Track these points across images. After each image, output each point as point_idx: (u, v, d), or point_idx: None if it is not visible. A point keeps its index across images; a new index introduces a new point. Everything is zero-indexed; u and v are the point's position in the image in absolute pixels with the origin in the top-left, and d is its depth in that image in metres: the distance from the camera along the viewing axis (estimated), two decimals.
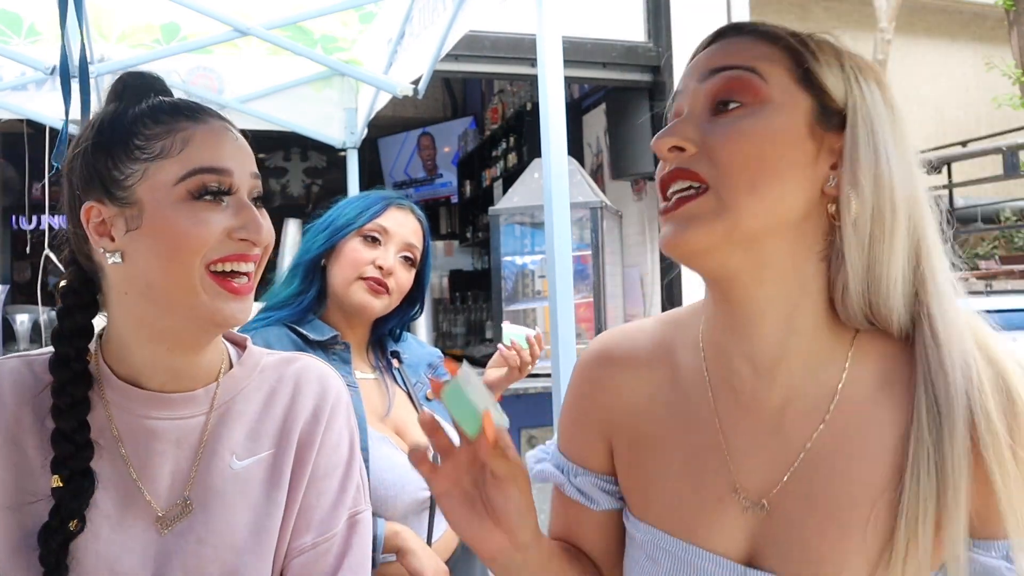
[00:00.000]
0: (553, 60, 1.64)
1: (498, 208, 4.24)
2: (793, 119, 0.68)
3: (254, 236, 0.82)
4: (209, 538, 0.82)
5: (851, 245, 0.68)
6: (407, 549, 1.33)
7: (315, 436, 0.91)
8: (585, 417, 0.86)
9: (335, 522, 0.90)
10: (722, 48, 0.72)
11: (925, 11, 9.48)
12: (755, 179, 0.66)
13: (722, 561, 0.72)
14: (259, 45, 2.91)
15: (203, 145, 0.82)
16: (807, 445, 0.70)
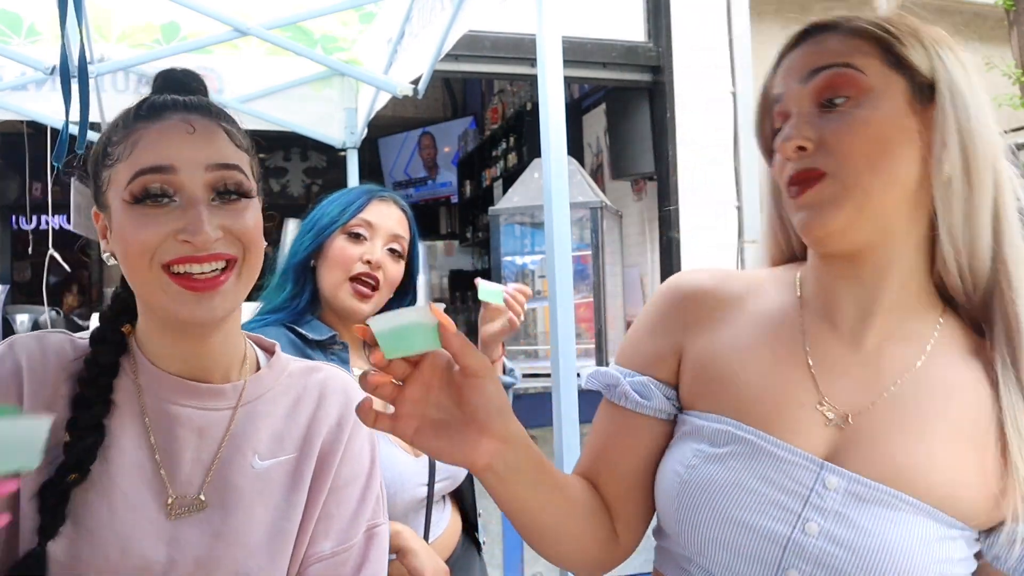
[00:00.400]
0: (553, 60, 1.64)
1: (498, 208, 4.24)
2: (894, 102, 0.76)
3: (193, 238, 0.79)
4: (226, 533, 0.83)
5: (946, 203, 0.76)
6: (408, 549, 1.33)
7: (339, 445, 0.92)
8: (661, 327, 0.90)
9: (354, 532, 0.91)
10: (813, 47, 0.79)
11: (925, 11, 9.46)
12: (874, 161, 0.74)
13: (799, 451, 0.77)
14: (259, 45, 2.91)
15: (147, 146, 0.82)
16: (898, 381, 0.78)
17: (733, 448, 0.79)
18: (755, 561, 0.76)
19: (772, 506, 0.76)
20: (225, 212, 0.82)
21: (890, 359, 0.80)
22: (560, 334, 1.63)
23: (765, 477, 0.77)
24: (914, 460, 0.75)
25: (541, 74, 1.65)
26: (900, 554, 0.72)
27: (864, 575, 0.72)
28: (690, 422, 0.85)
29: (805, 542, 0.74)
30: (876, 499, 0.74)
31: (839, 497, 0.75)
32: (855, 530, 0.73)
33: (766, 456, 0.78)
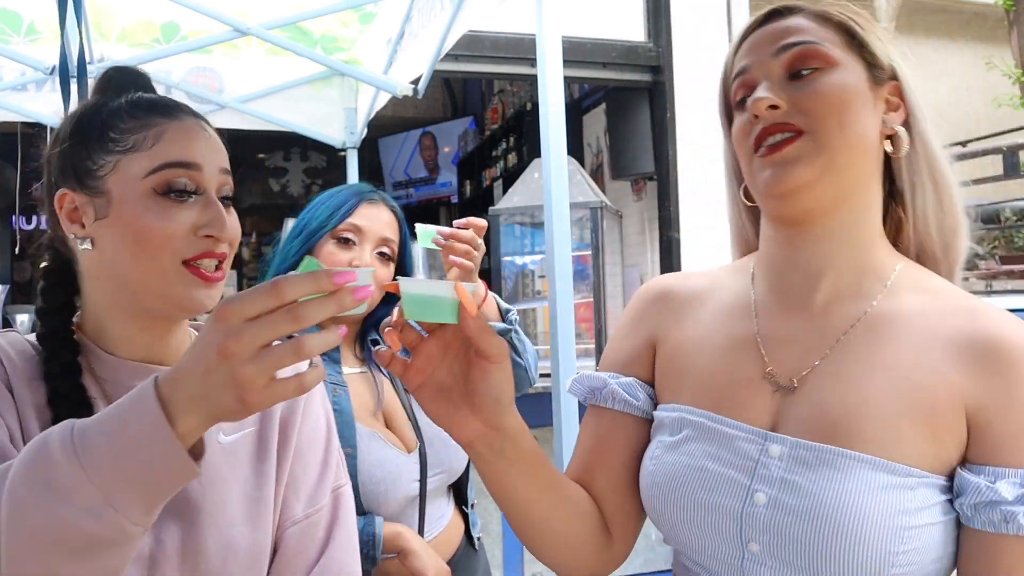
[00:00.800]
0: (553, 60, 1.64)
1: (498, 208, 4.24)
2: (857, 76, 0.82)
3: (219, 233, 0.85)
4: (205, 507, 0.85)
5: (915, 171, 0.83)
6: (409, 550, 1.33)
7: (296, 413, 0.95)
8: (636, 329, 0.94)
9: (322, 494, 0.94)
10: (782, 26, 0.84)
11: (925, 11, 9.48)
12: (842, 120, 0.79)
13: (744, 426, 0.80)
14: (259, 45, 2.91)
15: (174, 141, 0.85)
16: (839, 338, 0.80)
17: (687, 433, 0.82)
18: (721, 539, 0.78)
19: (724, 482, 0.78)
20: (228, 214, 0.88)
21: (837, 317, 0.82)
22: (560, 334, 1.63)
23: (715, 456, 0.80)
24: (850, 412, 0.75)
25: (541, 74, 1.65)
26: (847, 511, 0.71)
27: (816, 537, 0.72)
28: (657, 417, 0.88)
29: (756, 513, 0.76)
30: (818, 460, 0.75)
31: (783, 464, 0.76)
32: (800, 495, 0.74)
33: (715, 435, 0.81)
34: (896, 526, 0.71)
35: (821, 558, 0.72)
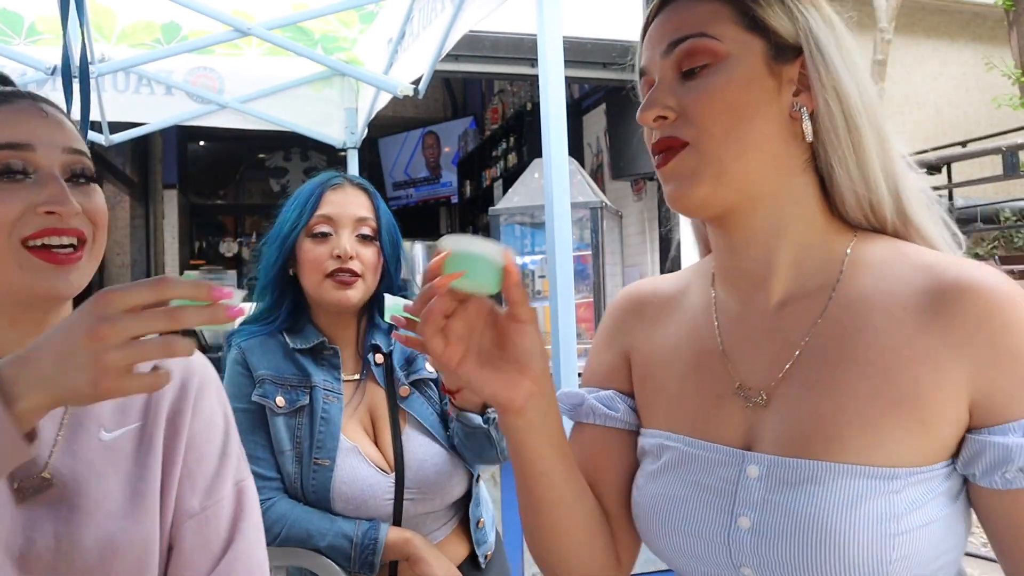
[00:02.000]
0: (553, 60, 1.64)
1: (498, 208, 4.24)
2: (750, 64, 0.75)
3: (59, 208, 0.81)
4: (83, 504, 0.84)
5: (836, 152, 0.75)
6: (418, 557, 1.33)
7: (186, 406, 0.93)
8: (611, 342, 0.92)
9: (221, 487, 0.92)
10: (672, 16, 0.79)
11: (925, 11, 9.48)
12: (728, 127, 0.74)
13: (720, 448, 0.77)
14: (259, 45, 2.91)
15: (3, 124, 0.83)
16: (804, 340, 0.75)
17: (667, 460, 0.80)
18: (714, 565, 0.75)
19: (707, 510, 0.75)
20: (81, 193, 0.85)
21: (796, 322, 0.76)
22: (560, 334, 1.63)
23: (696, 483, 0.77)
24: (825, 422, 0.70)
25: (541, 74, 1.65)
26: (830, 527, 0.67)
27: (804, 557, 0.69)
28: (640, 443, 0.86)
29: (742, 538, 0.73)
30: (796, 476, 0.71)
31: (762, 485, 0.72)
32: (783, 515, 0.70)
33: (694, 461, 0.78)
34: (884, 534, 0.67)
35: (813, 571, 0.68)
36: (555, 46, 1.65)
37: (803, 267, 0.77)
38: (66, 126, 0.87)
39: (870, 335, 0.71)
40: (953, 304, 0.69)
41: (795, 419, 0.73)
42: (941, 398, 0.68)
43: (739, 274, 0.81)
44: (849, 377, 0.71)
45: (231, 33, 2.45)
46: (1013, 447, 0.65)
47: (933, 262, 0.73)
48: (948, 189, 6.69)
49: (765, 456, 0.73)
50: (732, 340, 0.80)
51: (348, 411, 1.42)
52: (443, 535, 1.47)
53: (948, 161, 6.48)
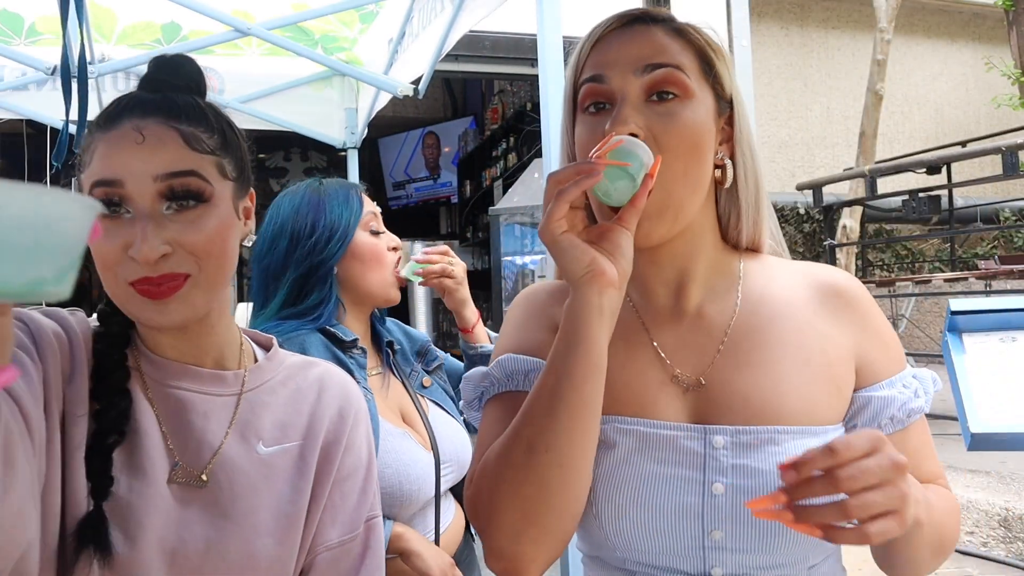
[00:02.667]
0: (553, 60, 1.65)
1: (498, 208, 4.25)
2: (706, 110, 0.84)
3: (136, 254, 0.78)
4: (234, 515, 0.85)
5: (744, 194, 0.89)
6: (411, 551, 1.34)
7: (342, 436, 0.94)
8: (531, 323, 0.93)
9: (358, 522, 0.94)
10: (642, 38, 0.84)
11: (925, 11, 9.49)
12: (688, 164, 0.81)
13: (680, 425, 0.84)
14: (259, 45, 2.91)
15: (100, 157, 0.81)
16: (727, 332, 0.87)
17: (626, 443, 0.83)
18: (683, 536, 0.80)
19: (679, 481, 0.81)
20: (178, 223, 0.80)
21: (713, 319, 0.88)
22: None
23: (661, 459, 0.82)
24: (766, 393, 0.82)
25: (542, 74, 1.65)
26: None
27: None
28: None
29: (717, 503, 0.80)
30: (759, 441, 0.80)
31: (729, 452, 0.81)
32: (753, 475, 0.79)
33: (656, 440, 0.83)
34: None
35: (780, 528, 0.77)
36: (555, 46, 1.65)
37: (711, 279, 0.90)
38: (166, 147, 0.81)
39: (781, 322, 0.87)
40: (832, 298, 0.88)
41: (740, 395, 0.83)
42: (843, 366, 0.85)
43: (659, 283, 0.90)
44: (775, 356, 0.84)
45: (231, 33, 2.45)
46: (888, 398, 0.84)
47: (799, 267, 0.92)
48: (948, 189, 6.69)
49: (727, 427, 0.82)
50: (661, 337, 0.89)
51: (382, 402, 1.45)
52: (453, 510, 1.50)
53: (948, 161, 6.48)
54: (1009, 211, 8.29)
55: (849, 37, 9.05)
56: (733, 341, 0.86)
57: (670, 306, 0.89)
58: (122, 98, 0.85)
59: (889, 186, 6.97)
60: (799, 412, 0.82)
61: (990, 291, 6.11)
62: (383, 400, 1.46)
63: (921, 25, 9.56)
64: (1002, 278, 5.71)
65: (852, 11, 8.89)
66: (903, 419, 0.85)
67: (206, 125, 0.85)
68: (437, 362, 1.63)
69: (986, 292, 6.08)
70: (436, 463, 1.43)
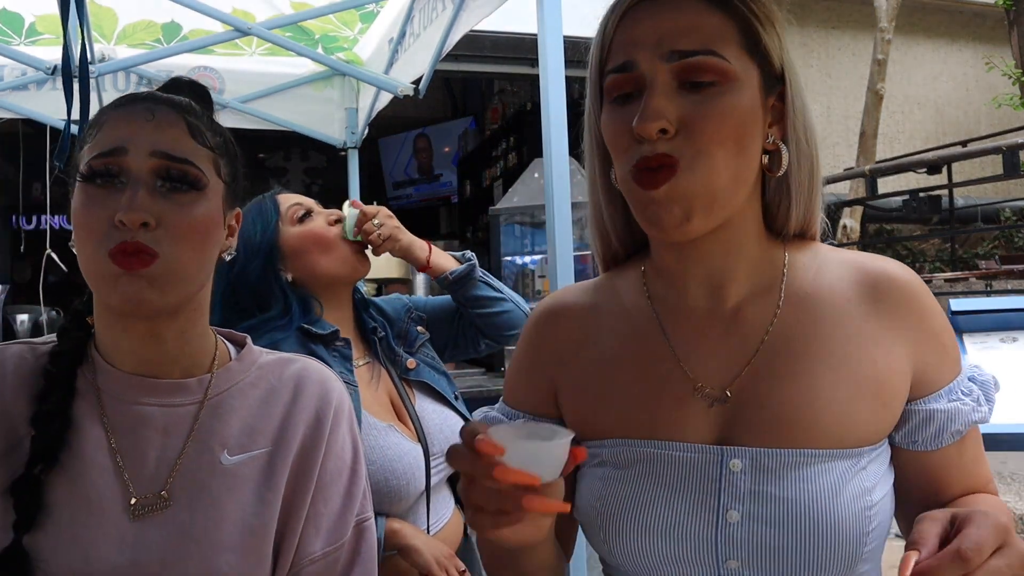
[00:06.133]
0: (554, 60, 1.65)
1: (498, 208, 4.24)
2: (752, 91, 0.74)
3: (123, 215, 0.77)
4: (193, 532, 0.81)
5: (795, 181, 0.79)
6: (409, 547, 1.33)
7: (319, 441, 0.89)
8: (532, 365, 0.89)
9: (344, 530, 0.89)
10: (674, 15, 0.73)
11: (925, 11, 9.48)
12: (728, 156, 0.72)
13: (694, 446, 0.77)
14: (259, 45, 2.91)
15: (108, 129, 0.82)
16: (764, 339, 0.78)
17: (637, 466, 0.78)
18: (697, 564, 0.75)
19: (691, 507, 0.75)
20: (169, 202, 0.80)
21: (751, 322, 0.79)
22: None
23: (673, 484, 0.76)
24: (799, 412, 0.74)
25: (542, 74, 1.65)
26: (820, 509, 0.72)
27: (795, 542, 0.72)
28: (590, 452, 0.82)
29: (732, 532, 0.74)
30: (781, 465, 0.74)
31: (747, 477, 0.74)
32: (772, 502, 0.73)
33: (668, 462, 0.77)
34: (862, 508, 0.73)
35: (801, 561, 0.72)
36: (555, 46, 1.65)
37: (754, 274, 0.81)
38: (171, 130, 0.82)
39: (826, 327, 0.77)
40: (886, 293, 0.78)
41: (768, 411, 0.75)
42: (894, 377, 0.76)
43: (694, 280, 0.81)
44: (813, 368, 0.76)
45: (231, 33, 2.45)
46: (952, 411, 0.77)
47: (852, 258, 0.81)
48: (948, 189, 6.69)
49: (747, 449, 0.75)
50: (683, 342, 0.81)
51: (370, 394, 1.43)
52: (451, 509, 1.49)
53: (948, 161, 6.48)
54: (1010, 211, 8.28)
55: (849, 37, 9.04)
56: (769, 348, 0.77)
57: (705, 307, 0.81)
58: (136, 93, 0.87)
59: (889, 186, 6.97)
60: (833, 432, 0.74)
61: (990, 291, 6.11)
62: (371, 392, 1.43)
63: (921, 25, 9.55)
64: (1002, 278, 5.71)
65: (852, 11, 8.88)
66: (963, 430, 0.78)
67: (211, 126, 0.88)
68: (420, 340, 1.59)
69: (986, 292, 6.07)
70: (425, 455, 1.41)
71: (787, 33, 0.79)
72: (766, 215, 0.82)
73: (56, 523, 0.78)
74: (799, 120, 0.77)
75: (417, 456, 1.39)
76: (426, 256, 1.60)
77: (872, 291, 0.78)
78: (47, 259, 3.27)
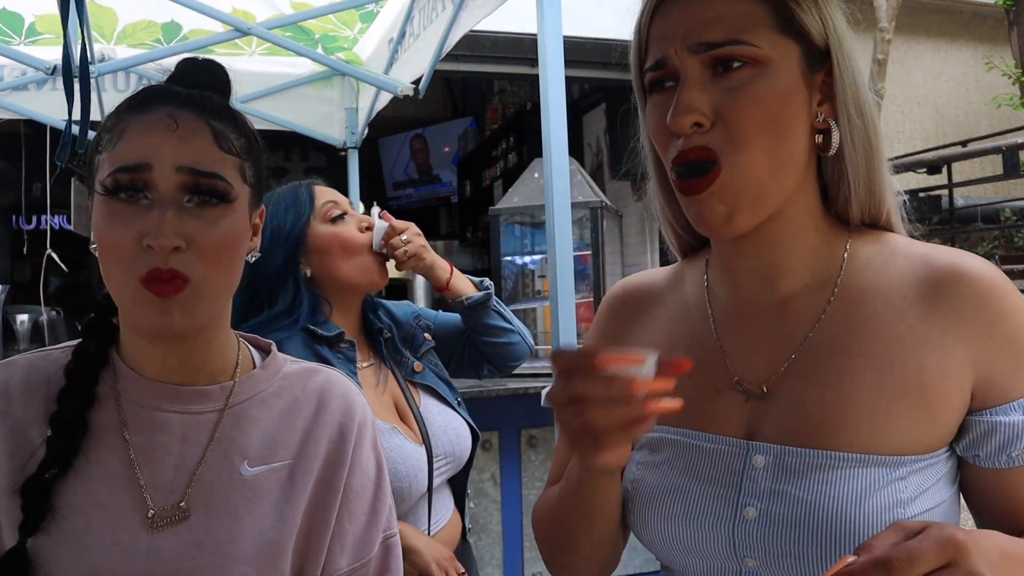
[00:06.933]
0: (553, 60, 1.65)
1: (498, 208, 4.23)
2: (790, 72, 0.72)
3: (153, 241, 0.75)
4: (207, 544, 0.79)
5: (851, 163, 0.75)
6: (409, 548, 1.33)
7: (344, 456, 0.87)
8: (607, 334, 0.91)
9: (370, 546, 0.87)
10: (700, 10, 0.72)
11: (925, 11, 9.47)
12: (768, 144, 0.70)
13: (723, 439, 0.76)
14: (259, 45, 2.91)
15: (130, 139, 0.78)
16: (808, 335, 0.75)
17: (667, 453, 0.79)
18: (715, 558, 0.75)
19: (711, 501, 0.75)
20: (198, 219, 0.78)
21: (799, 317, 0.77)
22: (561, 334, 1.63)
23: (698, 474, 0.76)
24: (831, 412, 0.71)
25: (542, 74, 1.65)
26: (840, 515, 0.68)
27: (812, 546, 0.69)
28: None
29: (748, 529, 0.72)
30: (804, 465, 0.71)
31: (769, 474, 0.72)
32: (791, 504, 0.70)
33: (695, 452, 0.77)
34: (891, 520, 0.67)
35: (818, 567, 0.69)
36: (555, 46, 1.65)
37: (810, 266, 0.78)
38: (197, 141, 0.79)
39: (874, 326, 0.73)
40: (950, 292, 0.71)
41: (800, 410, 0.73)
42: (947, 384, 0.70)
43: (745, 272, 0.80)
44: (854, 368, 0.72)
45: (231, 33, 2.45)
46: (1020, 425, 0.68)
47: (924, 252, 0.75)
48: (948, 189, 6.69)
49: (771, 446, 0.73)
50: (729, 335, 0.80)
51: (374, 397, 1.42)
52: (450, 510, 1.49)
53: (948, 161, 6.48)
54: (1010, 211, 8.28)
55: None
56: (813, 346, 0.75)
57: (755, 300, 0.80)
58: (153, 87, 0.84)
59: None
60: (866, 437, 0.69)
61: None
62: (376, 394, 1.44)
63: (921, 25, 9.54)
64: None
65: (852, 11, 8.88)
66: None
67: (235, 126, 0.84)
68: (426, 346, 1.59)
69: None
70: (428, 457, 1.41)
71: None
72: (825, 200, 0.78)
73: (66, 529, 0.76)
74: (849, 96, 0.74)
75: (419, 458, 1.40)
76: (447, 278, 1.62)
77: (934, 289, 0.72)
78: (47, 259, 3.27)
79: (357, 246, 1.46)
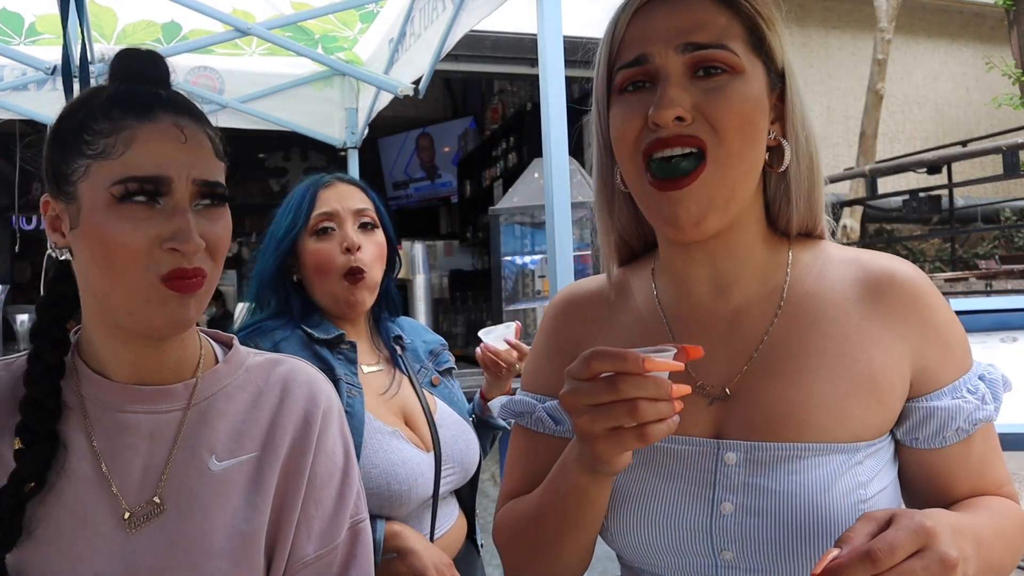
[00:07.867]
0: (554, 60, 1.65)
1: (498, 208, 4.24)
2: (759, 85, 0.77)
3: (183, 245, 0.77)
4: (180, 541, 0.79)
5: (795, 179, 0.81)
6: (408, 549, 1.32)
7: (308, 443, 0.88)
8: (551, 350, 0.92)
9: (337, 532, 0.88)
10: (685, 12, 0.77)
11: (925, 11, 9.48)
12: (742, 145, 0.75)
13: (692, 439, 0.80)
14: (259, 45, 2.91)
15: (143, 149, 0.78)
16: (764, 338, 0.80)
17: (640, 458, 0.80)
18: (691, 554, 0.77)
19: (689, 500, 0.78)
20: (205, 219, 0.81)
21: (753, 322, 0.81)
22: None
23: (673, 475, 0.79)
24: (793, 407, 0.76)
25: (542, 74, 1.65)
26: (810, 501, 0.73)
27: (787, 533, 0.74)
28: None
29: (725, 523, 0.76)
30: (774, 458, 0.76)
31: (741, 470, 0.77)
32: (764, 495, 0.75)
33: (667, 455, 0.80)
34: (855, 502, 0.74)
35: (792, 552, 0.73)
36: (555, 46, 1.65)
37: (760, 275, 0.83)
38: (203, 151, 0.82)
39: (824, 326, 0.79)
40: (886, 292, 0.79)
41: (764, 407, 0.78)
42: (891, 375, 0.77)
43: (698, 281, 0.83)
44: (810, 365, 0.78)
45: (231, 33, 2.45)
46: (953, 408, 0.77)
47: (855, 256, 0.83)
48: (948, 189, 6.69)
49: (741, 442, 0.77)
50: (686, 341, 0.80)
51: (383, 399, 1.42)
52: (455, 515, 1.49)
53: (948, 161, 6.49)
54: (1010, 211, 8.29)
55: (849, 37, 9.04)
56: (769, 348, 0.80)
57: (709, 307, 0.83)
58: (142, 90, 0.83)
59: (889, 186, 6.98)
60: (827, 427, 0.75)
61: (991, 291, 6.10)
62: (380, 397, 1.43)
63: (921, 25, 9.55)
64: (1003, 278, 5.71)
65: (852, 11, 8.88)
66: (968, 429, 0.78)
67: (214, 129, 0.86)
68: (448, 365, 1.60)
69: (987, 292, 6.07)
70: (437, 464, 1.42)
71: (788, 33, 0.82)
72: (768, 214, 0.84)
73: (40, 537, 0.77)
74: (798, 119, 0.80)
75: (421, 463, 1.39)
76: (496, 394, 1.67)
77: (872, 290, 0.79)
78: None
79: (330, 269, 1.42)
